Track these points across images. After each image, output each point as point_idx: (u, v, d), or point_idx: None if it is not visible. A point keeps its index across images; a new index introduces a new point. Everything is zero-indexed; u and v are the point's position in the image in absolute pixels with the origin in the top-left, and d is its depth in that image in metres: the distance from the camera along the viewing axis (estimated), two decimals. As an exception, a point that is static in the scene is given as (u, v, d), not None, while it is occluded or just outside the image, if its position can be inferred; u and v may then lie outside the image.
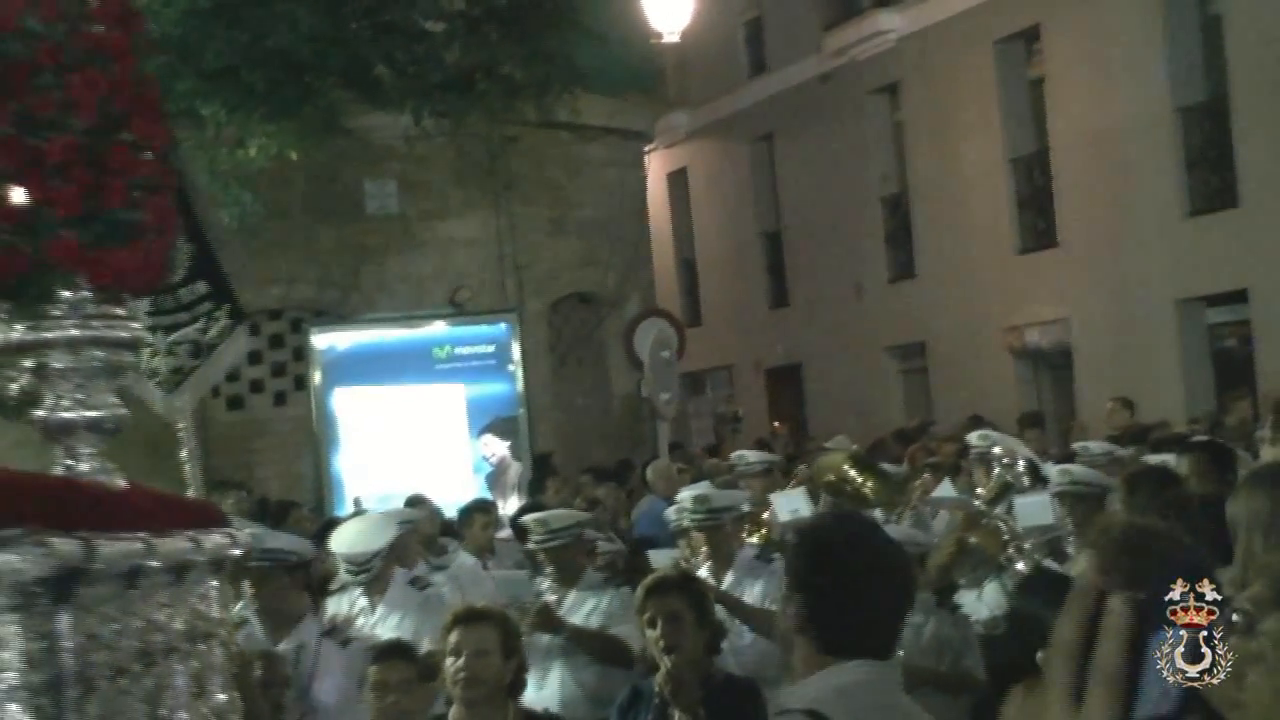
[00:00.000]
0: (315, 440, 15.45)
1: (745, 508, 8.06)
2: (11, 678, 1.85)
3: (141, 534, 2.30)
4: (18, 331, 2.48)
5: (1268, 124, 16.10)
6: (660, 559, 7.83)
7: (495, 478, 14.91)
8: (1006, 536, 7.40)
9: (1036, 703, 1.14)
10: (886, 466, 8.91)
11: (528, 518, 7.85)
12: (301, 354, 16.20)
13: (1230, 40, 16.83)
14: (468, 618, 5.25)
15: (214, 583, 2.83)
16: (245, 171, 13.40)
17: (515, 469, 14.97)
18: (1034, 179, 19.54)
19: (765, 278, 24.72)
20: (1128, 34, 17.59)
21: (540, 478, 13.70)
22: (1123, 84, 17.72)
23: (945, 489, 9.54)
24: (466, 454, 15.22)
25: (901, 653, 4.83)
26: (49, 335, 2.49)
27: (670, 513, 8.38)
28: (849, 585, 2.97)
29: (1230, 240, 16.55)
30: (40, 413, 2.55)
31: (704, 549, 7.33)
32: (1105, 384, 16.71)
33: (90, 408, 2.54)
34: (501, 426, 15.28)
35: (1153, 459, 8.28)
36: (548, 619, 6.76)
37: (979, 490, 8.70)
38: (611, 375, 19.32)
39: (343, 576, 7.43)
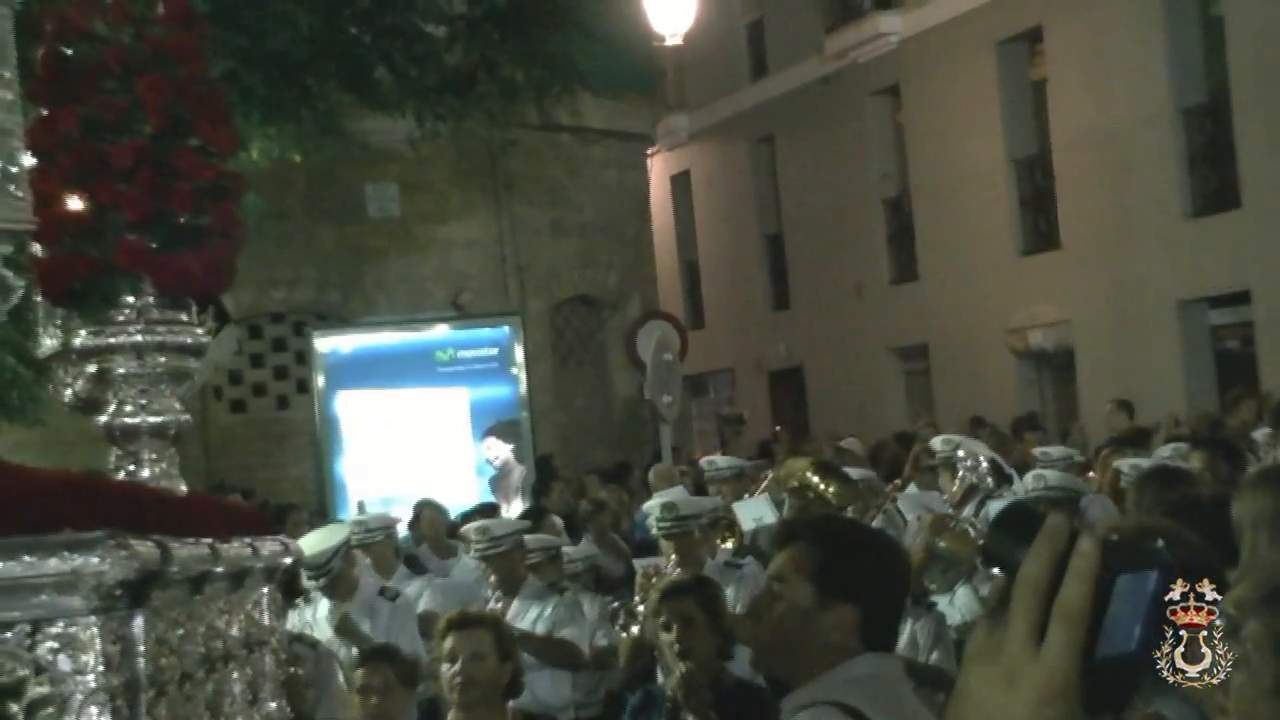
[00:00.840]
0: (318, 443, 15.43)
1: (719, 514, 8.10)
2: (91, 680, 1.85)
3: (208, 539, 2.30)
4: (81, 336, 2.47)
5: (1269, 124, 16.11)
6: (643, 567, 7.85)
7: (498, 480, 14.88)
8: (978, 540, 7.41)
9: (999, 638, 1.14)
10: (850, 470, 8.90)
11: (469, 526, 7.94)
12: (304, 357, 16.18)
13: (1231, 41, 16.83)
14: (462, 622, 5.25)
15: (266, 590, 2.84)
16: (246, 173, 13.38)
17: (519, 472, 14.94)
18: (1035, 180, 19.55)
19: (767, 279, 24.71)
20: (1129, 35, 17.59)
21: (543, 480, 13.68)
22: (1124, 85, 17.72)
23: (911, 492, 9.56)
24: (469, 457, 15.21)
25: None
26: (114, 340, 2.48)
27: (648, 520, 8.40)
28: (890, 583, 3.11)
29: (1232, 241, 16.55)
30: (103, 418, 2.54)
31: (673, 556, 7.30)
32: (1107, 385, 16.70)
33: (154, 413, 2.52)
34: (505, 429, 15.25)
35: (1124, 463, 8.34)
36: None
37: (944, 497, 8.73)
38: (613, 377, 19.32)
39: (307, 584, 7.45)
